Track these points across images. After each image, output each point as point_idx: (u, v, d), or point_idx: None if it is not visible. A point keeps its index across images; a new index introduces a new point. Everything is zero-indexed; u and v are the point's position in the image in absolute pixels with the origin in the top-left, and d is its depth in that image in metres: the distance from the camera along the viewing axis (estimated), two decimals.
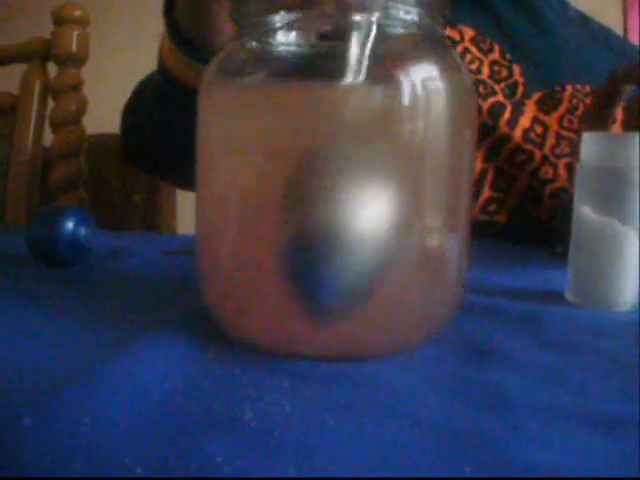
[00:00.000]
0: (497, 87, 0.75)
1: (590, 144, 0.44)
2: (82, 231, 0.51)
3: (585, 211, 0.44)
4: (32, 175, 1.00)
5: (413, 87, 0.29)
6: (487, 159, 0.73)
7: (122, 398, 0.24)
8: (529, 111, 0.74)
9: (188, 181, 0.36)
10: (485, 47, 0.77)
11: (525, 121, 0.73)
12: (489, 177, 0.72)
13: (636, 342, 0.36)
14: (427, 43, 0.32)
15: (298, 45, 0.32)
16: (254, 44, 0.33)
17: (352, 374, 0.28)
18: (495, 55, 0.77)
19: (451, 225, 0.32)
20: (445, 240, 0.31)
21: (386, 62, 0.31)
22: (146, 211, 1.12)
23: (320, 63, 0.31)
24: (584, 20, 0.86)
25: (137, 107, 0.75)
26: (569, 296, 0.45)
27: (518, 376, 0.30)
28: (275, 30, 0.31)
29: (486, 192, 0.73)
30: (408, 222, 0.30)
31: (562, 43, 0.81)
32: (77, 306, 0.39)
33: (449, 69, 0.32)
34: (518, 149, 0.72)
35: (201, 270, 0.34)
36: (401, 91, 0.29)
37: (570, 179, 0.70)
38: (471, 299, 0.40)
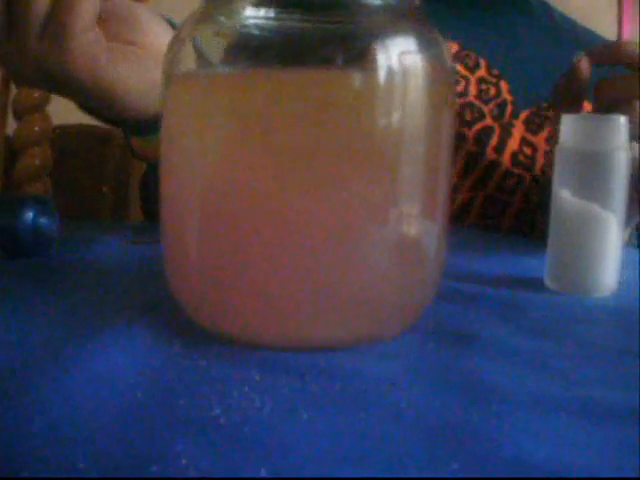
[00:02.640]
0: (485, 108, 0.72)
1: (569, 125, 0.43)
2: (44, 220, 0.49)
3: (564, 195, 0.43)
4: None
5: (389, 65, 0.28)
6: (475, 188, 0.71)
7: (78, 395, 0.23)
8: (517, 132, 0.72)
9: None
10: (471, 63, 0.74)
11: (513, 144, 0.71)
12: (476, 205, 0.71)
13: (618, 328, 0.36)
14: (404, 15, 0.31)
15: (267, 19, 0.30)
16: (222, 19, 0.31)
17: (326, 365, 0.27)
18: (482, 72, 0.74)
19: (428, 211, 0.31)
20: (422, 226, 0.30)
21: (361, 34, 0.29)
22: (115, 203, 1.11)
23: (289, 41, 0.29)
24: (571, 27, 0.83)
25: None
26: (548, 282, 0.44)
27: (502, 364, 0.29)
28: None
29: (471, 221, 0.71)
30: (383, 207, 0.29)
31: (546, 56, 0.78)
32: (37, 298, 0.37)
33: (427, 43, 0.30)
34: (507, 174, 0.71)
35: (166, 258, 0.32)
36: (376, 70, 0.28)
37: None
38: (449, 286, 0.40)
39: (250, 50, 0.30)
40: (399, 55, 0.29)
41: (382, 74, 0.28)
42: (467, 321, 0.35)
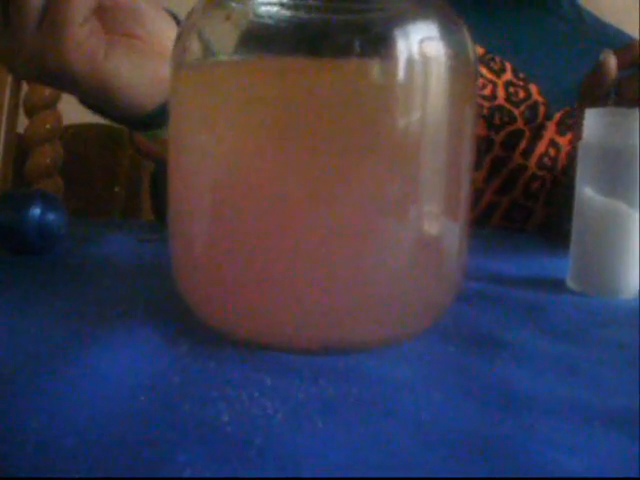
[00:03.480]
0: (516, 111, 0.70)
1: (593, 120, 0.42)
2: (51, 217, 0.48)
3: (588, 192, 0.42)
4: (6, 163, 0.97)
5: (409, 54, 0.26)
6: (500, 192, 0.69)
7: (76, 398, 0.21)
8: (548, 135, 0.70)
9: None
10: (496, 67, 0.72)
11: (542, 147, 0.70)
12: (501, 209, 0.69)
13: None
14: (424, 0, 0.29)
15: (280, 5, 0.29)
16: (232, 4, 0.29)
17: (343, 369, 0.25)
18: (508, 75, 0.72)
19: (450, 209, 0.29)
20: (443, 225, 0.29)
21: (380, 21, 0.27)
22: (127, 203, 1.11)
23: (303, 28, 0.28)
24: (601, 28, 0.82)
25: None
26: (571, 283, 0.43)
27: (527, 369, 0.27)
28: None
29: (494, 224, 0.70)
30: (402, 204, 0.27)
31: (578, 57, 0.76)
32: (41, 296, 0.36)
33: (450, 31, 0.28)
34: (533, 177, 0.69)
35: (174, 256, 0.30)
36: (396, 59, 0.26)
37: None
38: (469, 287, 0.38)
39: (262, 38, 0.28)
40: (420, 43, 0.27)
41: (402, 63, 0.27)
42: (489, 323, 0.33)
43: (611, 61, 0.54)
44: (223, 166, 0.28)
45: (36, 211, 0.47)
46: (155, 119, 0.44)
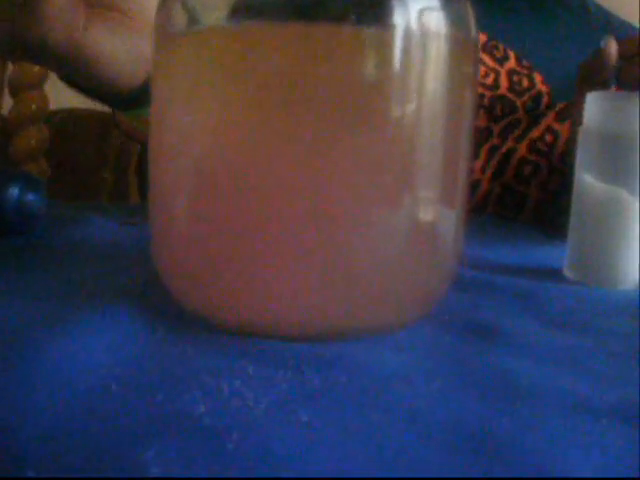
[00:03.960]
0: (519, 102, 0.69)
1: (594, 104, 0.41)
2: (30, 197, 0.46)
3: (587, 179, 0.40)
4: None
5: (407, 23, 0.25)
6: (493, 178, 0.68)
7: (42, 387, 0.19)
8: (545, 121, 0.69)
9: None
10: (499, 55, 0.70)
11: (536, 132, 0.68)
12: (494, 196, 0.68)
13: None
14: None
15: None
16: None
17: (330, 358, 0.24)
18: (511, 63, 0.70)
19: (446, 194, 0.28)
20: (439, 211, 0.27)
21: None
22: (115, 189, 1.10)
23: None
24: (606, 18, 0.80)
25: None
26: (568, 272, 0.41)
27: (527, 360, 0.26)
28: None
29: (489, 212, 0.68)
30: (396, 186, 0.26)
31: (582, 46, 0.74)
32: (19, 279, 0.34)
33: (451, 1, 0.27)
34: (523, 161, 0.67)
35: (154, 238, 0.29)
36: (392, 28, 0.25)
37: None
38: (463, 274, 0.36)
39: (252, 4, 0.26)
40: (419, 12, 0.25)
41: (399, 32, 0.25)
42: (485, 311, 0.32)
43: (612, 47, 0.53)
44: (208, 140, 0.26)
45: (15, 191, 0.45)
46: (138, 97, 0.42)
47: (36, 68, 0.95)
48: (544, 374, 0.24)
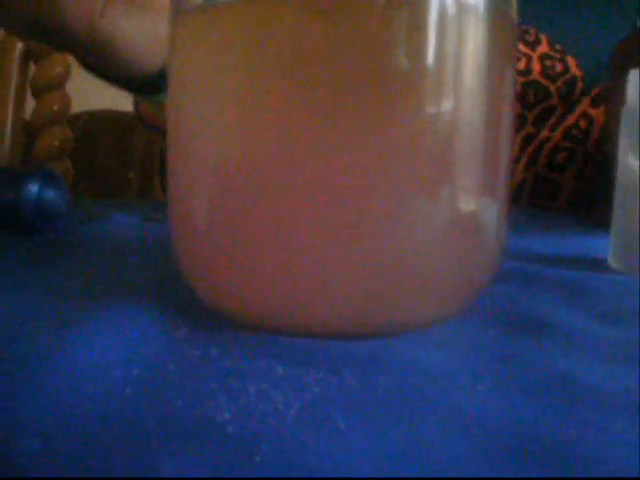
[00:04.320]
0: (552, 87, 0.66)
1: (637, 82, 0.38)
2: (50, 194, 0.45)
3: (632, 162, 0.38)
4: (14, 146, 0.95)
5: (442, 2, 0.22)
6: (527, 168, 0.65)
7: (46, 390, 0.17)
8: (580, 108, 0.66)
9: None
10: (531, 39, 0.68)
11: (571, 119, 0.65)
12: (528, 185, 0.65)
13: None
14: None
15: None
16: None
17: (368, 357, 0.21)
18: (544, 47, 0.68)
19: (488, 180, 0.25)
20: (480, 200, 0.25)
21: None
22: (141, 189, 1.11)
23: None
24: None
25: None
26: (613, 262, 0.39)
27: (584, 357, 0.23)
28: None
29: (523, 202, 0.66)
30: (437, 180, 0.23)
31: (617, 29, 0.71)
32: (39, 278, 0.32)
33: None
34: (557, 148, 0.65)
35: (175, 232, 0.27)
36: (426, 5, 0.22)
37: None
38: (505, 266, 0.34)
39: None
40: None
41: (434, 8, 0.22)
42: (530, 304, 0.29)
43: None
44: (231, 128, 0.24)
45: (34, 188, 0.44)
46: (158, 82, 0.41)
47: (57, 69, 0.95)
48: (605, 372, 0.21)
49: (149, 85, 0.42)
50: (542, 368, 0.21)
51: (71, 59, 0.94)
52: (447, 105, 0.23)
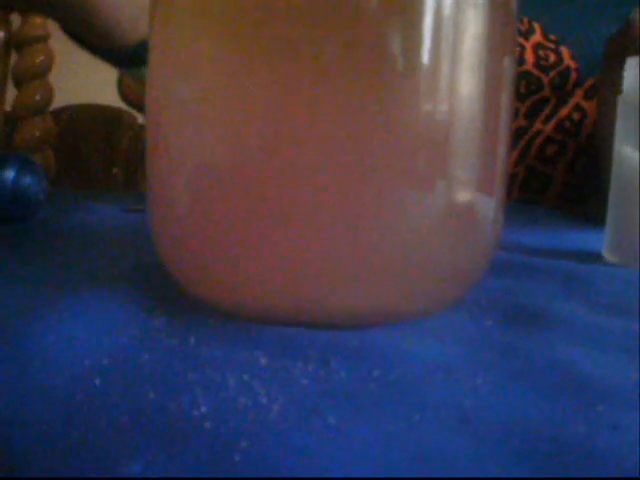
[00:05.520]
0: (545, 79, 0.65)
1: (635, 70, 0.38)
2: (27, 180, 0.43)
3: (627, 152, 0.38)
4: None
5: None
6: (518, 161, 0.65)
7: (14, 381, 0.16)
8: (573, 100, 0.65)
9: None
10: (524, 28, 0.67)
11: (564, 111, 0.65)
12: (519, 178, 0.65)
13: None
14: None
15: None
16: None
17: (359, 347, 0.20)
18: (537, 37, 0.67)
19: (483, 175, 0.24)
20: (475, 191, 0.24)
21: None
22: (126, 184, 1.10)
23: None
24: None
25: None
26: (609, 255, 0.39)
27: (584, 348, 0.22)
28: None
29: (514, 196, 0.65)
30: (432, 171, 0.22)
31: (612, 18, 0.71)
32: (12, 266, 0.31)
33: None
34: (548, 140, 0.64)
35: (154, 217, 0.26)
36: None
37: None
38: (498, 257, 0.33)
39: None
40: None
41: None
42: (526, 295, 0.29)
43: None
44: (213, 109, 0.23)
45: (10, 174, 0.42)
46: (138, 54, 0.40)
47: (40, 58, 0.94)
48: (607, 364, 0.20)
49: (130, 57, 0.41)
50: (542, 359, 0.20)
51: (56, 49, 0.93)
52: (444, 96, 0.22)
